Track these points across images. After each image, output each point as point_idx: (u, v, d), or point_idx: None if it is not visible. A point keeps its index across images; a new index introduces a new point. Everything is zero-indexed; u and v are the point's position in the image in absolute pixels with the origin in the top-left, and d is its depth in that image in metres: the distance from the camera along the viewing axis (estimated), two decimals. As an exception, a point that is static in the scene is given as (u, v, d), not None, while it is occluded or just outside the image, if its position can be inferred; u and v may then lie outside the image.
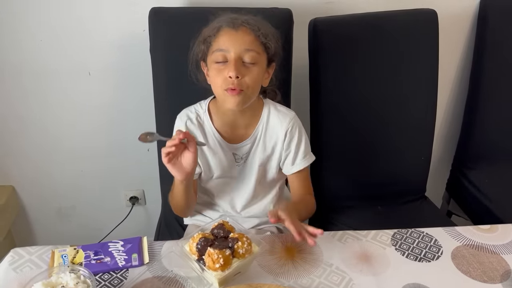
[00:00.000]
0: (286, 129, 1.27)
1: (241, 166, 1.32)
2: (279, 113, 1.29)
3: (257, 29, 1.17)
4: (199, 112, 1.29)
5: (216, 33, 1.17)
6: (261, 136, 1.29)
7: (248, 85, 1.16)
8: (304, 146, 1.30)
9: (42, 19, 1.61)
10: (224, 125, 1.28)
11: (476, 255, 1.11)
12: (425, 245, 1.13)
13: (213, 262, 0.95)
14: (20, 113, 1.80)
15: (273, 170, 1.33)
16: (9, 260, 1.06)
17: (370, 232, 1.17)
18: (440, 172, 2.06)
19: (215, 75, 1.17)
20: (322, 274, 1.04)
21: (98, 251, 1.07)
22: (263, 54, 1.19)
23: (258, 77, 1.19)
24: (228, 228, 1.04)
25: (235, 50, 1.14)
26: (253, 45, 1.16)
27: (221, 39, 1.16)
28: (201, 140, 1.26)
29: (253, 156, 1.30)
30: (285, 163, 1.32)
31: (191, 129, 1.27)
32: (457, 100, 1.97)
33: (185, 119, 1.28)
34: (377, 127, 1.67)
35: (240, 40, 1.15)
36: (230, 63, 1.14)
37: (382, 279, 1.03)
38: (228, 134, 1.28)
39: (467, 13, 1.77)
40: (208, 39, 1.19)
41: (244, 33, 1.16)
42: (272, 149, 1.30)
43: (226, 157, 1.29)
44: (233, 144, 1.28)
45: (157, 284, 0.99)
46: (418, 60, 1.64)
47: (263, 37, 1.17)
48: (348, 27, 1.57)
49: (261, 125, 1.28)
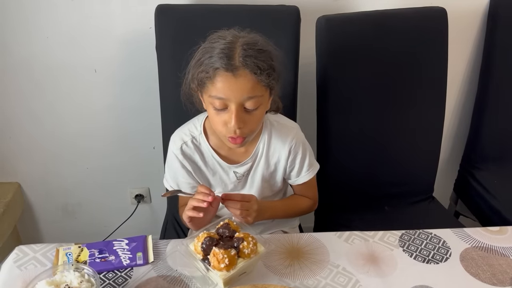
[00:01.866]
0: (289, 146, 1.23)
1: (242, 181, 1.28)
2: (281, 129, 1.24)
3: (259, 71, 1.03)
4: (194, 134, 1.23)
5: (212, 76, 1.04)
6: (263, 154, 1.24)
7: (251, 130, 1.10)
8: (309, 159, 1.28)
9: (49, 16, 1.61)
10: (222, 145, 1.22)
11: (486, 257, 1.09)
12: (433, 247, 1.12)
13: (218, 262, 0.94)
14: (26, 111, 1.80)
15: (277, 184, 1.31)
16: (13, 257, 1.05)
17: (377, 233, 1.15)
18: (448, 172, 2.04)
19: (214, 118, 1.10)
20: (329, 275, 1.03)
21: (102, 250, 1.06)
22: (265, 93, 1.09)
23: (261, 117, 1.13)
24: (233, 227, 1.03)
25: (236, 100, 1.04)
26: (255, 91, 1.05)
27: (219, 86, 1.04)
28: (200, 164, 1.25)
29: (255, 173, 1.26)
30: (290, 175, 1.30)
31: (188, 153, 1.23)
32: (465, 100, 1.95)
33: (179, 144, 1.23)
34: (385, 127, 1.65)
35: (241, 89, 1.03)
36: (231, 112, 1.05)
37: (389, 281, 1.02)
38: (227, 153, 1.23)
39: (477, 11, 1.75)
40: (202, 80, 1.07)
41: (244, 80, 1.03)
42: (276, 166, 1.26)
43: (227, 176, 1.26)
44: (233, 164, 1.24)
45: (161, 283, 0.99)
46: (427, 58, 1.62)
47: (266, 77, 1.05)
48: (356, 25, 1.55)
49: (261, 143, 1.24)
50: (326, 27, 1.52)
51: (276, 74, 1.09)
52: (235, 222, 1.07)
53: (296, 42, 1.51)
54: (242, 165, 1.24)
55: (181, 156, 1.23)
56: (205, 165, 1.25)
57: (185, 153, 1.23)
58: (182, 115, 1.33)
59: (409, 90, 1.63)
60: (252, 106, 1.06)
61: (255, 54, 1.03)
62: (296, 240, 1.13)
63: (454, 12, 1.62)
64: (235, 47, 1.03)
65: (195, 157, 1.23)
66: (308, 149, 1.28)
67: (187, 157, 1.23)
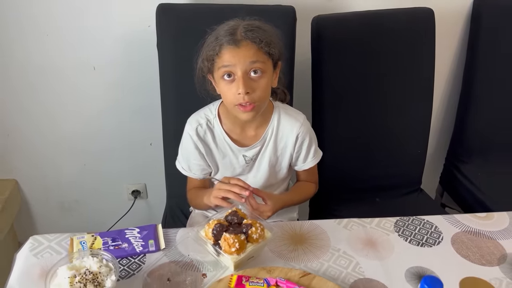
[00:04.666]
0: (297, 133, 1.31)
1: (250, 165, 1.35)
2: (290, 117, 1.32)
3: (258, 40, 1.15)
4: (209, 117, 1.32)
5: (218, 51, 1.16)
6: (271, 139, 1.32)
7: (259, 97, 1.18)
8: (314, 146, 1.36)
9: (48, 14, 1.64)
10: (235, 128, 1.31)
11: (474, 240, 1.17)
12: (426, 231, 1.19)
13: (229, 246, 1.00)
14: (24, 108, 1.82)
15: (283, 170, 1.38)
16: (29, 246, 1.09)
17: (374, 220, 1.23)
18: (434, 166, 2.12)
19: (225, 90, 1.19)
20: (331, 258, 1.10)
21: (115, 238, 1.11)
22: (268, 61, 1.19)
23: (267, 86, 1.20)
24: (241, 215, 1.09)
25: (241, 66, 1.14)
26: (257, 56, 1.15)
27: (225, 57, 1.15)
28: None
29: (263, 157, 1.34)
30: (297, 161, 1.37)
31: (202, 135, 1.31)
32: (451, 96, 2.04)
33: (195, 126, 1.31)
34: (376, 122, 1.73)
35: (244, 56, 1.14)
36: (238, 79, 1.15)
37: (387, 263, 1.09)
38: (238, 136, 1.31)
39: (461, 12, 1.84)
40: (211, 57, 1.18)
41: (246, 48, 1.14)
42: (282, 151, 1.34)
43: (236, 159, 1.33)
44: (242, 147, 1.32)
45: (174, 268, 1.04)
46: (415, 56, 1.70)
47: (266, 46, 1.16)
48: (349, 24, 1.63)
49: (270, 128, 1.31)
50: (321, 26, 1.59)
51: (276, 46, 1.19)
52: (242, 210, 1.13)
53: (292, 40, 1.57)
54: (251, 148, 1.32)
55: (195, 137, 1.30)
56: (216, 147, 1.32)
57: (199, 135, 1.30)
58: (182, 111, 1.39)
59: (398, 86, 1.71)
60: (256, 72, 1.16)
61: (255, 29, 1.16)
62: (299, 227, 1.20)
63: (441, 12, 1.70)
64: (237, 27, 1.16)
65: (208, 139, 1.31)
66: (313, 137, 1.36)
67: (201, 138, 1.30)
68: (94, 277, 0.91)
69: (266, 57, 1.18)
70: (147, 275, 1.01)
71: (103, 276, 0.92)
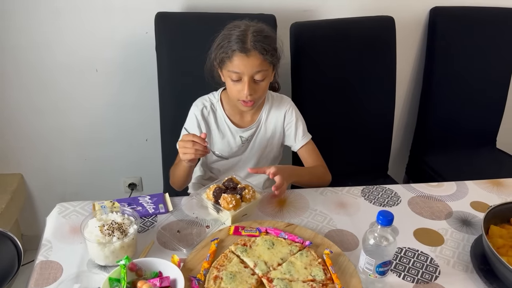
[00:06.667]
0: (284, 111, 1.55)
1: (245, 146, 1.57)
2: (279, 101, 1.57)
3: (264, 51, 1.35)
4: (212, 101, 1.54)
5: (230, 56, 1.36)
6: (264, 121, 1.55)
7: (259, 97, 1.43)
8: (302, 125, 1.58)
9: (57, 22, 1.83)
10: (235, 113, 1.54)
11: (427, 202, 1.42)
12: (388, 196, 1.44)
13: (227, 203, 1.23)
14: (30, 106, 1.98)
15: (274, 149, 1.60)
16: (57, 210, 1.30)
17: (344, 188, 1.47)
18: (400, 158, 2.38)
19: (230, 86, 1.42)
20: (309, 216, 1.33)
21: (130, 203, 1.32)
22: (269, 68, 1.40)
23: (267, 87, 1.44)
24: (235, 181, 1.33)
25: (248, 73, 1.36)
26: (262, 66, 1.37)
27: (235, 63, 1.36)
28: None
29: (257, 137, 1.56)
30: (289, 139, 1.58)
31: (205, 116, 1.52)
32: (413, 96, 2.29)
33: (201, 107, 1.52)
34: (347, 115, 1.98)
35: (251, 65, 1.35)
36: (244, 83, 1.37)
37: (354, 218, 1.33)
38: (237, 120, 1.55)
39: (419, 20, 2.09)
40: (222, 59, 1.39)
41: (254, 58, 1.35)
42: (273, 131, 1.56)
43: (233, 139, 1.54)
44: (240, 128, 1.54)
45: (181, 224, 1.26)
46: (378, 59, 1.95)
47: (270, 56, 1.37)
48: (322, 30, 1.87)
49: (264, 112, 1.55)
50: (298, 32, 1.83)
51: (277, 54, 1.42)
52: (237, 178, 1.35)
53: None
54: (248, 130, 1.54)
55: (200, 117, 1.51)
56: (217, 128, 1.53)
57: (204, 116, 1.52)
58: (178, 108, 1.60)
59: (364, 85, 1.96)
60: (260, 78, 1.38)
61: (262, 39, 1.36)
62: (283, 195, 1.42)
63: (401, 20, 1.95)
64: (247, 34, 1.36)
65: (211, 120, 1.53)
66: (300, 117, 1.58)
67: (204, 119, 1.52)
68: (119, 226, 1.12)
69: (269, 65, 1.39)
70: (161, 228, 1.22)
71: (126, 225, 1.13)
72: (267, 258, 1.11)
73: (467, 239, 1.27)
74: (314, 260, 1.11)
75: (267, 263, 1.09)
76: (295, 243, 1.16)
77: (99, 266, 1.11)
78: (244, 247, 1.13)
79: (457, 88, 2.16)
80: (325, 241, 1.19)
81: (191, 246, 1.16)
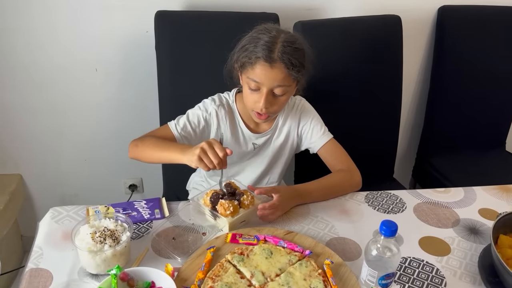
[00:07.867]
0: (300, 112, 1.45)
1: (256, 152, 1.47)
2: (294, 103, 1.46)
3: (291, 65, 1.22)
4: (229, 101, 1.43)
5: (253, 62, 1.24)
6: (280, 127, 1.46)
7: (275, 111, 1.32)
8: (320, 123, 1.46)
9: (56, 21, 1.80)
10: (250, 117, 1.41)
11: (433, 209, 1.37)
12: (392, 202, 1.39)
13: (225, 209, 1.18)
14: (30, 106, 1.96)
15: (285, 154, 1.50)
16: (50, 215, 1.27)
17: (347, 193, 1.42)
18: (407, 160, 2.33)
19: (247, 94, 1.31)
20: (310, 223, 1.28)
21: (126, 208, 1.28)
22: (293, 84, 1.29)
23: (286, 102, 1.33)
24: (234, 186, 1.28)
25: (268, 85, 1.25)
26: (285, 81, 1.25)
27: (257, 71, 1.24)
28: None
29: (270, 144, 1.47)
30: (306, 143, 1.47)
31: (220, 115, 1.40)
32: (420, 97, 2.23)
33: (218, 103, 1.40)
34: (352, 116, 1.92)
35: (273, 78, 1.24)
36: (262, 94, 1.26)
37: (357, 226, 1.28)
38: (253, 125, 1.44)
39: (427, 20, 2.04)
40: (244, 64, 1.27)
41: (278, 71, 1.23)
42: (287, 136, 1.46)
43: (245, 145, 1.45)
44: (255, 134, 1.44)
45: (177, 231, 1.21)
46: (384, 59, 1.90)
47: (295, 72, 1.25)
48: (327, 29, 1.82)
49: (280, 117, 1.45)
50: (302, 31, 1.77)
51: (305, 70, 1.30)
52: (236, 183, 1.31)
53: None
54: (263, 136, 1.45)
55: (214, 113, 1.40)
56: (230, 131, 1.41)
57: (218, 114, 1.40)
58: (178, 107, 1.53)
59: (370, 86, 1.90)
60: (280, 93, 1.28)
61: (291, 51, 1.24)
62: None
63: (408, 19, 1.90)
64: (276, 42, 1.23)
65: (225, 121, 1.41)
66: (317, 116, 1.47)
67: (217, 117, 1.41)
68: (112, 233, 1.08)
69: (292, 80, 1.28)
70: (156, 235, 1.18)
71: (119, 232, 1.09)
72: (265, 268, 1.06)
73: (475, 248, 1.21)
74: (314, 271, 1.06)
75: (265, 273, 1.05)
76: (295, 252, 1.12)
77: (91, 275, 1.07)
78: (241, 256, 1.09)
79: (465, 89, 2.11)
80: (326, 250, 1.15)
81: (186, 254, 1.11)
